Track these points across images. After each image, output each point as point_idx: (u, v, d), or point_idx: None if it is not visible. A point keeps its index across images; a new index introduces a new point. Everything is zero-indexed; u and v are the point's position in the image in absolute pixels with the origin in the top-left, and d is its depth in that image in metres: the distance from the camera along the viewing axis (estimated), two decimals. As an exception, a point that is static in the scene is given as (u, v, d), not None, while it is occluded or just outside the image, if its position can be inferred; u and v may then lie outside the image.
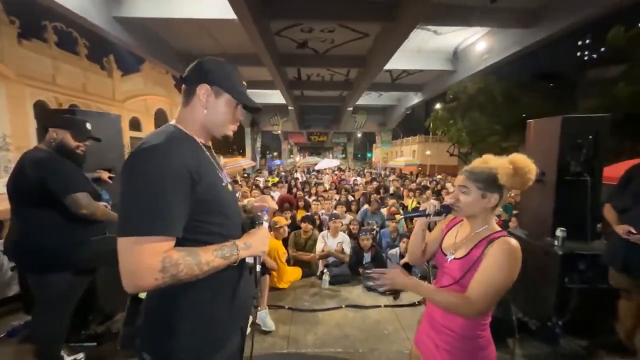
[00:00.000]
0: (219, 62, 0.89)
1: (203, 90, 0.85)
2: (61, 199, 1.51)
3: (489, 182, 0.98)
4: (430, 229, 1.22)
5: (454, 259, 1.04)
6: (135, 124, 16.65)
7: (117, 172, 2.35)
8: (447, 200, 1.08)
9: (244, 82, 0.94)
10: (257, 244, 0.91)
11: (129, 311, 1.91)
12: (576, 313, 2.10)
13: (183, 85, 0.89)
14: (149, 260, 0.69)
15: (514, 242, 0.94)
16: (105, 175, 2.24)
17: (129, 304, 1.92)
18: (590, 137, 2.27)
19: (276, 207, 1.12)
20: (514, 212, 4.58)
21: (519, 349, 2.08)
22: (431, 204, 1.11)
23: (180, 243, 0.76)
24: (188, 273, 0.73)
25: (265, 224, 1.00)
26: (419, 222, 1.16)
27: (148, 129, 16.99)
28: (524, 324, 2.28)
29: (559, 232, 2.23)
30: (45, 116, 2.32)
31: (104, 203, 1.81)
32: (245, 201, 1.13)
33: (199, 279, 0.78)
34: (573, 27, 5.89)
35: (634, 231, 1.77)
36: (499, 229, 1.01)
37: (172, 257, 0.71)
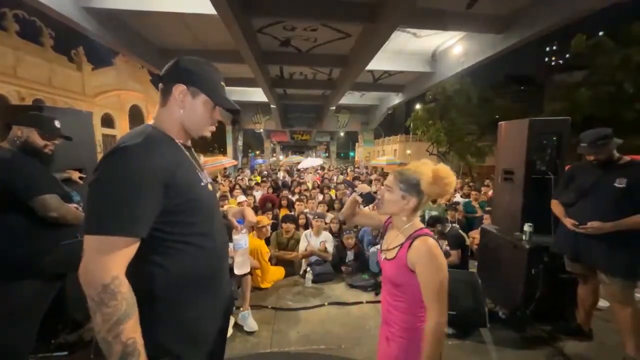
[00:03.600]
0: (197, 62, 0.89)
1: (179, 90, 0.85)
2: (28, 201, 1.42)
3: (411, 186, 1.06)
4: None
5: (385, 259, 1.12)
6: (108, 121, 15.74)
7: (89, 172, 2.24)
8: (375, 192, 1.22)
9: (223, 83, 0.93)
10: None
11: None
12: (541, 301, 2.26)
13: (160, 84, 0.88)
14: (109, 264, 0.67)
15: (430, 240, 1.00)
16: (75, 175, 2.12)
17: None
18: (554, 138, 2.45)
19: (255, 221, 1.14)
20: (487, 208, 4.82)
21: (489, 336, 2.20)
22: (365, 187, 1.25)
23: (159, 241, 0.77)
24: (110, 315, 0.66)
25: (241, 250, 1.06)
26: (353, 195, 1.28)
27: (122, 125, 16.13)
28: (495, 314, 2.43)
29: (527, 227, 2.39)
30: (8, 112, 2.16)
31: (75, 205, 1.71)
32: (225, 207, 1.14)
33: (172, 282, 0.79)
34: (541, 34, 6.28)
35: (577, 223, 1.94)
36: (422, 226, 1.08)
37: (121, 286, 0.68)
